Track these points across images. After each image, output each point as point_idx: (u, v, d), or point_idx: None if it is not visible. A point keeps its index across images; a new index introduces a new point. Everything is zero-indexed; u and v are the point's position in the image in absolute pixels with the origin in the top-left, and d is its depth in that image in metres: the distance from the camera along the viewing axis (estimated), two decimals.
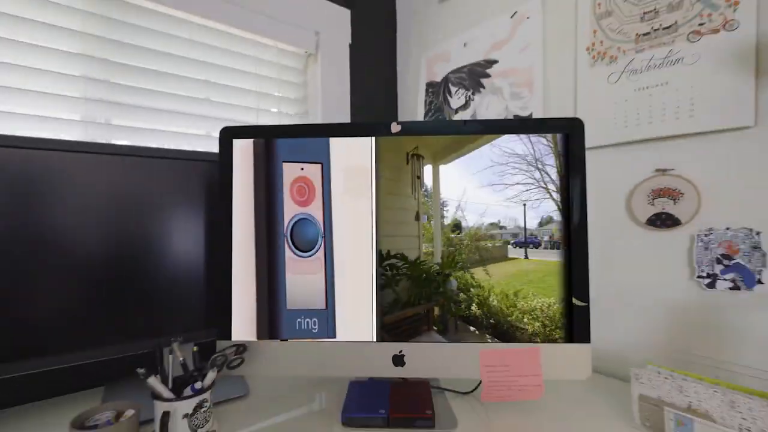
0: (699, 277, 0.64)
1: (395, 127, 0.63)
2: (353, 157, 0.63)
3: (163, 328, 0.68)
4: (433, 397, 0.64)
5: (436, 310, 0.63)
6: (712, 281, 0.63)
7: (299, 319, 0.62)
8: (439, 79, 1.10)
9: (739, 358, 0.60)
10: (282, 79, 1.02)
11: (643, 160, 0.70)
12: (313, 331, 0.62)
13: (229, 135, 0.64)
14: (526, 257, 0.62)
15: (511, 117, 0.92)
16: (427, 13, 1.14)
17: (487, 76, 0.97)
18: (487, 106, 0.97)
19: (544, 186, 0.60)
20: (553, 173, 0.60)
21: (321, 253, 0.63)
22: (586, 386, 0.70)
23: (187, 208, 0.70)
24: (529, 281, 0.61)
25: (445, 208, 0.63)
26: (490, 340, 0.61)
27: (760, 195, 0.59)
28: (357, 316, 0.62)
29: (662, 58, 0.67)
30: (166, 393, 0.53)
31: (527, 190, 0.61)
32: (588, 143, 0.77)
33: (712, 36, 0.62)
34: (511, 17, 0.91)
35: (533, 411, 0.62)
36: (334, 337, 0.62)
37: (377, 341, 0.61)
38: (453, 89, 1.06)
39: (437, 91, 1.10)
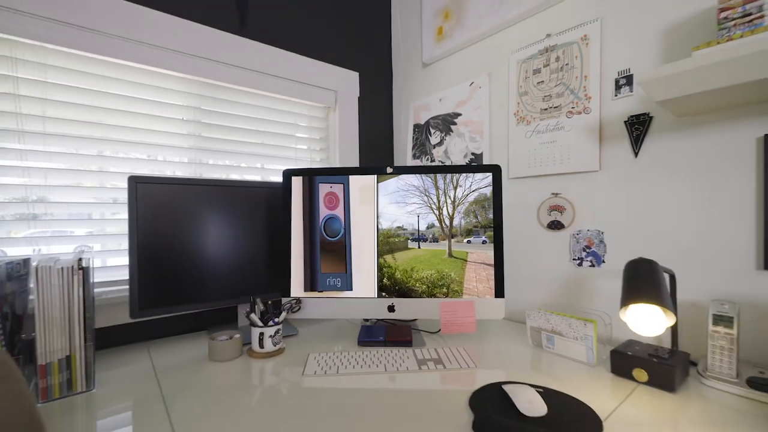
0: (573, 259, 1.06)
1: (389, 169, 1.04)
2: (363, 182, 1.04)
3: (239, 291, 1.09)
4: (412, 333, 1.05)
5: None
6: (580, 262, 1.04)
7: (328, 279, 1.04)
8: (422, 122, 1.52)
9: (592, 304, 1.01)
10: (311, 126, 1.44)
11: (545, 187, 1.12)
12: (337, 286, 1.03)
13: (289, 173, 1.06)
14: (419, 247, 1.02)
15: (470, 153, 1.33)
16: (414, 75, 1.57)
17: (455, 123, 1.39)
18: (455, 145, 1.39)
19: (429, 205, 1.01)
20: (434, 198, 1.01)
21: (343, 238, 1.04)
22: (502, 325, 1.13)
23: (255, 217, 1.11)
24: (420, 261, 1.01)
25: None
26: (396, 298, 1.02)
27: (603, 210, 1.00)
28: (365, 280, 1.03)
29: (554, 125, 1.09)
30: (259, 323, 0.94)
31: (419, 207, 1.01)
32: (515, 175, 1.19)
33: (578, 115, 1.04)
34: (470, 85, 1.33)
35: (470, 338, 1.03)
36: (351, 290, 1.03)
37: (377, 297, 1.02)
38: (432, 131, 1.48)
39: (421, 131, 1.52)
